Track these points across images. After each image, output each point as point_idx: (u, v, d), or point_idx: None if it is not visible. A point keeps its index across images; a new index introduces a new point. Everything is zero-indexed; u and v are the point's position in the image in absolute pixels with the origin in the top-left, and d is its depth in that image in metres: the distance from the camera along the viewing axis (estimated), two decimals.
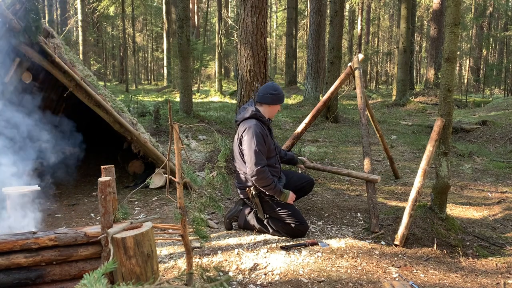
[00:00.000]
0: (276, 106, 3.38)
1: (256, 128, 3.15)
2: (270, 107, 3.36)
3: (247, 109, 3.31)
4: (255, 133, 3.12)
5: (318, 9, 13.45)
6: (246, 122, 3.23)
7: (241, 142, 3.22)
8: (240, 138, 3.23)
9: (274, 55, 36.83)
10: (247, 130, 3.16)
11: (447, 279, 2.65)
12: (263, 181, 3.11)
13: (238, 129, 3.32)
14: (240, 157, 3.30)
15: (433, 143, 3.25)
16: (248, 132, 3.15)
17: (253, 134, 3.12)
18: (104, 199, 1.89)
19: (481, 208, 4.30)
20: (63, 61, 4.06)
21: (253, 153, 3.08)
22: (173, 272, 2.68)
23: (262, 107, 3.35)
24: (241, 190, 3.41)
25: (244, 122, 3.26)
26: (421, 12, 25.61)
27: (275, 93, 3.33)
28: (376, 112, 12.91)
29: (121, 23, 20.57)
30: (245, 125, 3.21)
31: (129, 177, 5.44)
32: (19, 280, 1.91)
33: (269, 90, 3.33)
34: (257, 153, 3.09)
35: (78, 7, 16.04)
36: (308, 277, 2.59)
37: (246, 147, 3.14)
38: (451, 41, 3.22)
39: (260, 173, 3.07)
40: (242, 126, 3.24)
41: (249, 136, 3.12)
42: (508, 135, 7.99)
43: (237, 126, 3.39)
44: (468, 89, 18.88)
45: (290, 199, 3.24)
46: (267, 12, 5.43)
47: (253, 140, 3.10)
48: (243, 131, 3.19)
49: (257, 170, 3.07)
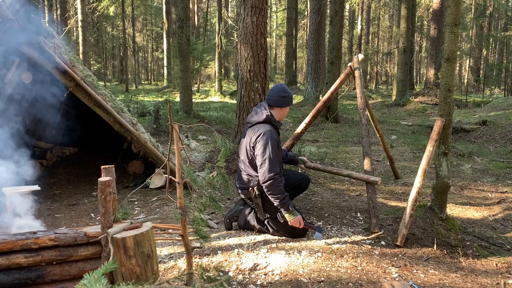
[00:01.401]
0: (287, 108, 3.37)
1: (271, 135, 3.12)
2: (281, 109, 3.34)
3: (261, 112, 3.25)
4: (270, 140, 3.08)
5: (318, 9, 13.45)
6: (260, 127, 3.17)
7: (254, 147, 3.15)
8: (254, 142, 3.15)
9: (274, 55, 36.83)
10: (262, 136, 3.11)
11: (447, 279, 2.65)
12: (275, 190, 3.06)
13: (250, 131, 3.24)
14: (248, 159, 3.24)
15: (433, 143, 3.25)
16: (263, 138, 3.10)
17: (268, 140, 3.08)
18: (104, 199, 1.89)
19: (481, 208, 4.30)
20: (63, 61, 4.06)
21: (268, 160, 3.05)
22: (173, 272, 2.68)
23: (273, 110, 3.31)
24: (242, 190, 3.39)
25: (258, 126, 3.19)
26: (421, 12, 25.59)
27: (286, 96, 3.30)
28: (376, 112, 12.91)
29: (121, 23, 20.58)
30: (259, 129, 3.15)
31: (129, 177, 5.44)
32: (19, 280, 1.91)
33: (280, 92, 3.29)
34: (272, 160, 3.05)
35: (78, 7, 16.04)
36: (308, 277, 2.59)
37: (259, 153, 3.09)
38: (451, 41, 3.22)
39: (273, 181, 3.03)
40: (256, 130, 3.17)
41: (264, 142, 3.08)
42: (508, 135, 7.99)
43: (248, 128, 3.31)
44: (468, 89, 18.87)
45: (296, 222, 3.08)
46: (267, 12, 5.43)
47: (268, 147, 3.06)
48: (258, 136, 3.13)
49: (270, 177, 3.03)
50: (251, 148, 3.20)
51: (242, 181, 3.37)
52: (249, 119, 3.34)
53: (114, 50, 28.64)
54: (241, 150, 3.38)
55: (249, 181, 3.29)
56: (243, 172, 3.36)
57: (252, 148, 3.19)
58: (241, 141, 3.42)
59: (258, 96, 5.58)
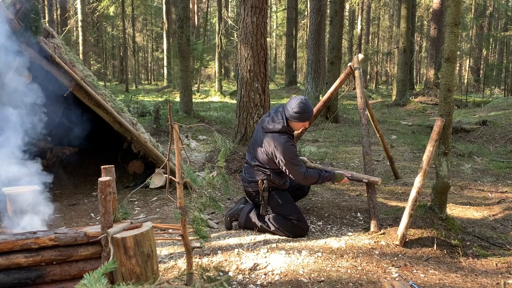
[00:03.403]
0: (306, 122, 3.38)
1: (290, 143, 3.24)
2: (297, 124, 3.33)
3: (278, 121, 3.27)
4: (290, 149, 3.21)
5: (318, 9, 13.44)
6: (278, 137, 3.23)
7: (274, 154, 3.23)
8: (273, 150, 3.22)
9: (274, 55, 36.84)
10: (283, 145, 3.19)
11: (447, 279, 2.65)
12: (311, 182, 3.37)
13: (267, 138, 3.27)
14: (263, 157, 3.31)
15: (433, 143, 3.25)
16: (284, 147, 3.19)
17: (289, 149, 3.21)
18: (104, 199, 1.89)
19: (481, 208, 4.30)
20: (63, 61, 4.06)
21: (294, 166, 3.23)
22: (173, 272, 2.68)
23: (292, 123, 3.32)
24: (250, 183, 3.40)
25: (275, 135, 3.25)
26: (421, 12, 25.60)
27: (304, 114, 3.25)
28: (376, 112, 12.92)
29: (121, 23, 20.56)
30: (278, 139, 3.22)
31: (129, 177, 5.44)
32: (19, 280, 1.91)
33: (302, 110, 3.23)
34: (297, 164, 3.24)
35: (78, 7, 16.04)
36: (308, 277, 2.59)
37: (283, 164, 3.22)
38: (451, 41, 3.22)
39: (306, 179, 3.30)
40: (275, 139, 3.23)
41: (286, 151, 3.19)
42: (508, 135, 7.99)
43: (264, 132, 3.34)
44: (468, 89, 18.87)
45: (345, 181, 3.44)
46: (267, 12, 5.43)
47: (290, 155, 3.20)
48: (277, 144, 3.20)
49: (304, 179, 3.29)
50: (268, 153, 3.28)
51: (251, 174, 3.41)
52: (266, 125, 3.32)
53: (114, 50, 28.63)
54: (255, 147, 3.42)
55: (260, 174, 3.35)
56: (254, 165, 3.39)
57: (270, 153, 3.26)
58: (254, 137, 3.48)
59: (258, 96, 5.58)
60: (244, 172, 3.53)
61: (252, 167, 3.41)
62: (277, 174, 3.35)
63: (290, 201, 3.41)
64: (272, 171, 3.33)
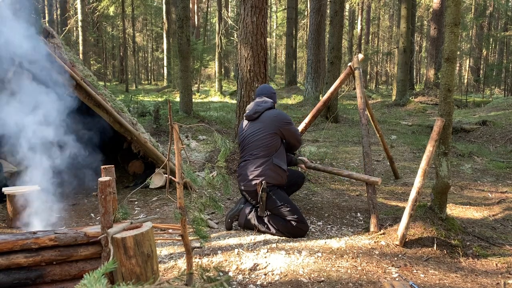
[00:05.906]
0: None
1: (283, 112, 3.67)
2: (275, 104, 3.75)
3: (264, 100, 3.60)
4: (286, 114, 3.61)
5: (318, 9, 13.45)
6: (273, 110, 3.58)
7: (276, 123, 3.47)
8: (274, 120, 3.48)
9: (274, 55, 36.83)
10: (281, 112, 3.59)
11: (447, 279, 2.65)
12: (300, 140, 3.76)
13: (263, 117, 3.51)
14: (261, 139, 3.42)
15: (433, 143, 3.25)
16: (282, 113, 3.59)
17: (286, 115, 3.60)
18: (104, 199, 1.89)
19: (481, 208, 4.30)
20: (63, 61, 4.06)
21: (294, 126, 3.61)
22: (173, 272, 2.68)
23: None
24: (250, 182, 3.37)
25: (269, 111, 3.55)
26: (421, 12, 25.60)
27: (275, 92, 3.79)
28: (376, 112, 12.92)
29: (121, 23, 20.56)
30: (274, 111, 3.56)
31: (129, 177, 5.44)
32: (19, 280, 1.91)
33: (271, 89, 3.76)
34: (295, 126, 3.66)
35: (78, 7, 16.04)
36: (308, 277, 2.59)
37: (287, 121, 3.54)
38: (451, 41, 3.22)
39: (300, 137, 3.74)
40: (271, 113, 3.52)
41: (285, 115, 3.57)
42: (508, 135, 7.99)
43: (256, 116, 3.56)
44: (468, 89, 18.88)
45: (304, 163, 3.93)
46: (267, 12, 5.43)
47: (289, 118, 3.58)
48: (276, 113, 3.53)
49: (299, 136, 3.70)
50: (269, 127, 3.46)
51: (252, 172, 3.40)
52: (256, 109, 3.55)
53: (114, 50, 28.61)
54: (249, 141, 3.47)
55: (259, 168, 3.38)
56: (253, 164, 3.38)
57: (272, 126, 3.46)
58: (244, 135, 3.54)
59: None
60: (248, 167, 3.42)
61: (250, 166, 3.38)
62: (279, 154, 3.42)
63: (289, 202, 3.37)
64: (274, 154, 3.39)
